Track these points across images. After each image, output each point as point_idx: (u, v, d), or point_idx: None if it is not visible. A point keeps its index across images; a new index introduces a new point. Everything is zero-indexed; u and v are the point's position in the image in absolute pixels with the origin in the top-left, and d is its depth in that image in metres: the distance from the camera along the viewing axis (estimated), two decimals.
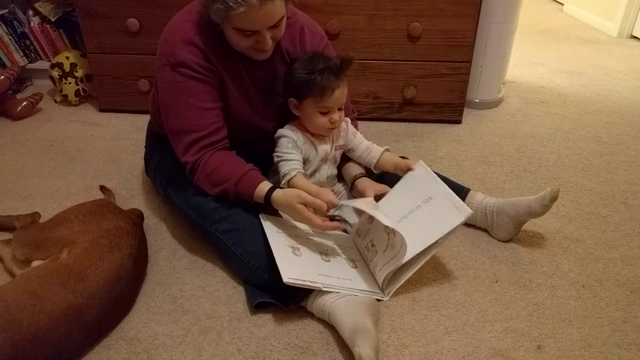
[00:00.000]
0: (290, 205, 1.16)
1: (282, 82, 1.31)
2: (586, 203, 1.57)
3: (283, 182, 1.25)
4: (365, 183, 1.34)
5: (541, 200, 1.30)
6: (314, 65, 1.23)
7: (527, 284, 1.26)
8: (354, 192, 1.38)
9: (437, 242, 1.16)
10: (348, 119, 1.40)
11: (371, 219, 1.28)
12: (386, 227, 1.17)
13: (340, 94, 1.25)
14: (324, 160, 1.35)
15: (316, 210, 1.15)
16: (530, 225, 1.42)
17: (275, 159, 1.30)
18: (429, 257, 1.17)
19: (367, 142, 1.40)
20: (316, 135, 1.32)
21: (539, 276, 1.28)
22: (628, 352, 1.08)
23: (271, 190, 1.19)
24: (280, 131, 1.32)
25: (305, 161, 1.32)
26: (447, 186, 1.23)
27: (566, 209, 1.54)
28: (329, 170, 1.38)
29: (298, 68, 1.25)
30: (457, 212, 1.17)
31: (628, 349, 1.09)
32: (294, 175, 1.24)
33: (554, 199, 1.29)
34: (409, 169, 1.30)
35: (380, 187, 1.32)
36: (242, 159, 1.25)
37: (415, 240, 1.14)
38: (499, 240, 1.40)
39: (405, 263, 1.15)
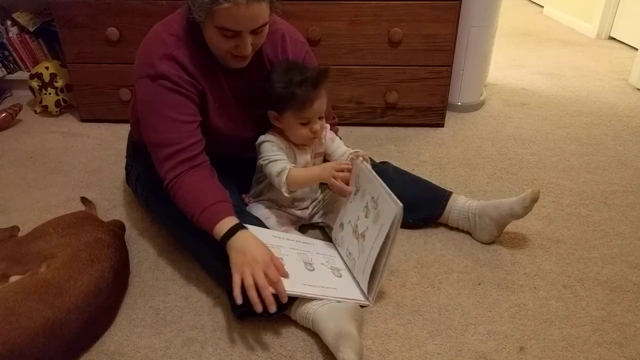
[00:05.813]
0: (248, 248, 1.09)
1: (259, 94, 1.30)
2: (567, 203, 1.59)
3: (281, 180, 1.24)
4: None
5: (522, 202, 1.32)
6: (292, 77, 1.22)
7: (510, 286, 1.27)
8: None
9: (388, 238, 1.13)
10: (328, 125, 1.40)
11: (341, 226, 1.31)
12: (355, 232, 1.23)
13: (320, 104, 1.25)
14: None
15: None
16: (512, 227, 1.44)
17: (262, 163, 1.29)
18: (392, 250, 1.14)
19: (345, 148, 1.39)
20: (297, 145, 1.32)
21: (521, 277, 1.30)
22: (608, 351, 1.09)
23: (236, 227, 1.12)
24: (262, 137, 1.31)
25: None
26: (382, 181, 1.17)
27: (547, 209, 1.56)
28: None
29: (275, 81, 1.24)
30: (394, 206, 1.11)
31: (608, 348, 1.10)
32: (290, 169, 1.25)
33: (534, 200, 1.30)
34: (348, 167, 1.26)
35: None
36: (220, 185, 1.20)
37: (371, 238, 1.16)
38: (481, 243, 1.41)
39: (375, 264, 1.15)
